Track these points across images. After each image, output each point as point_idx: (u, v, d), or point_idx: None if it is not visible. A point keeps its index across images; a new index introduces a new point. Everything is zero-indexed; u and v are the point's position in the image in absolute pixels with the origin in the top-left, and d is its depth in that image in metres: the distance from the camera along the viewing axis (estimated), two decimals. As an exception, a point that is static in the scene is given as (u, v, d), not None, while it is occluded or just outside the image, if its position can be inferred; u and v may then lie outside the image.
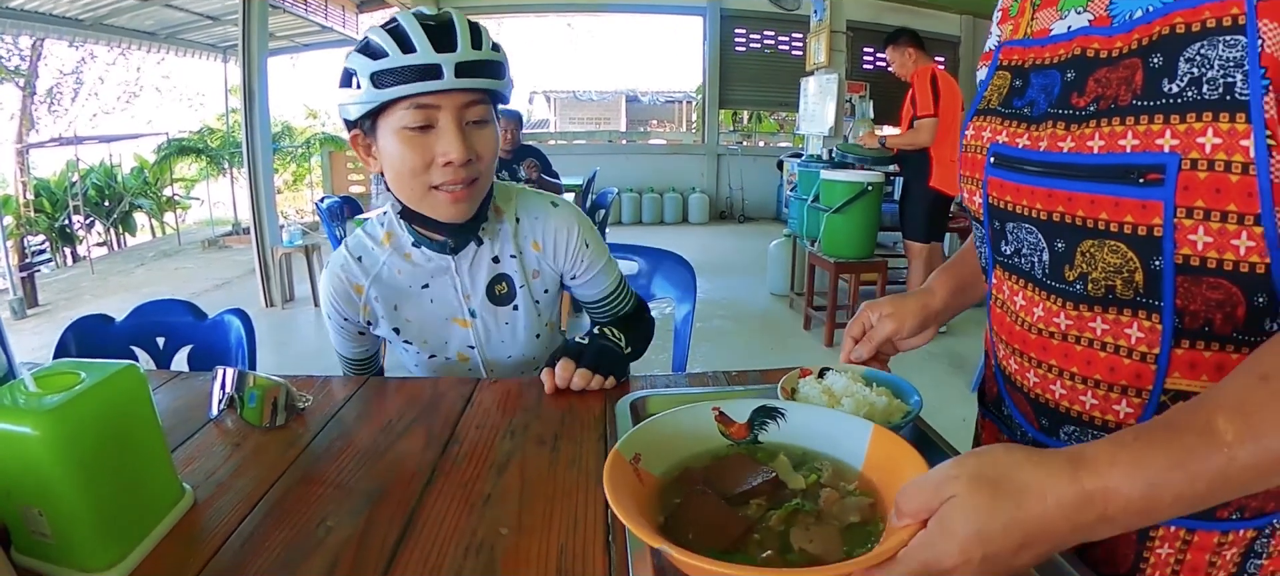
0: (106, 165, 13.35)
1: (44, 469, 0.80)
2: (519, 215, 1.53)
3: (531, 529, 0.92)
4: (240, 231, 11.39)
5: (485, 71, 1.26)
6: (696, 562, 0.63)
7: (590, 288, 1.62)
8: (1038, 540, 0.60)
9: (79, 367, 0.89)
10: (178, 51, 12.49)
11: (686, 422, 0.92)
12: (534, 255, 1.54)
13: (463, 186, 1.31)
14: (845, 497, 0.81)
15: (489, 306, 1.53)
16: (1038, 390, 0.90)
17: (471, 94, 1.26)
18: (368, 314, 1.51)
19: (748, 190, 11.67)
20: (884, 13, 10.13)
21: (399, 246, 1.48)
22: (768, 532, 0.77)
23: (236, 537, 0.91)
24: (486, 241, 1.49)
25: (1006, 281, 0.93)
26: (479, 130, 1.31)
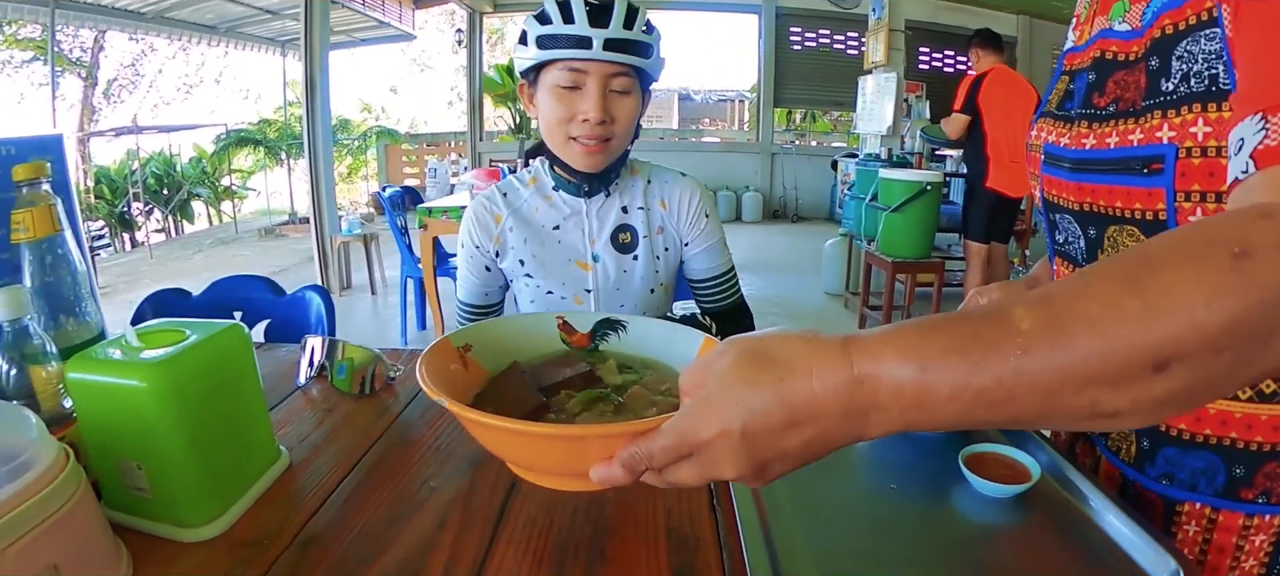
0: (166, 154, 13.62)
1: (149, 422, 0.81)
2: (651, 177, 1.67)
3: (637, 493, 0.92)
4: (296, 221, 11.56)
5: (631, 49, 1.41)
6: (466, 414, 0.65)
7: (701, 261, 1.67)
8: (804, 421, 0.54)
9: (183, 326, 0.90)
10: (237, 45, 12.71)
11: (528, 327, 0.97)
12: (660, 212, 1.65)
13: (597, 142, 1.47)
14: (654, 396, 0.83)
15: (611, 252, 1.62)
16: None
17: (617, 66, 1.42)
18: (499, 243, 1.63)
19: (801, 190, 11.57)
20: (941, 12, 9.97)
21: (541, 188, 1.64)
22: (564, 415, 0.80)
23: (337, 496, 0.93)
24: (617, 193, 1.62)
25: (1062, 267, 0.99)
26: (620, 98, 1.46)
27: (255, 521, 0.88)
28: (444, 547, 0.81)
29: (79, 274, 0.99)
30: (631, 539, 0.84)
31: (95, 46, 15.83)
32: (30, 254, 0.95)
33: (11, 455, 0.67)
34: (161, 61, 17.79)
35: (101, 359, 0.83)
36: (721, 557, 0.81)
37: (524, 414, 0.78)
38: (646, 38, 1.43)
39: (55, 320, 0.97)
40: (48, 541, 0.67)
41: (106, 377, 0.81)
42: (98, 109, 16.36)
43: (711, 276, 1.68)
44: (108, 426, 0.83)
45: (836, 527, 0.87)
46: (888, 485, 0.97)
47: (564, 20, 1.39)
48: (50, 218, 0.96)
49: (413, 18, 12.28)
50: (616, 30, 1.39)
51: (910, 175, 4.86)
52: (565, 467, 0.71)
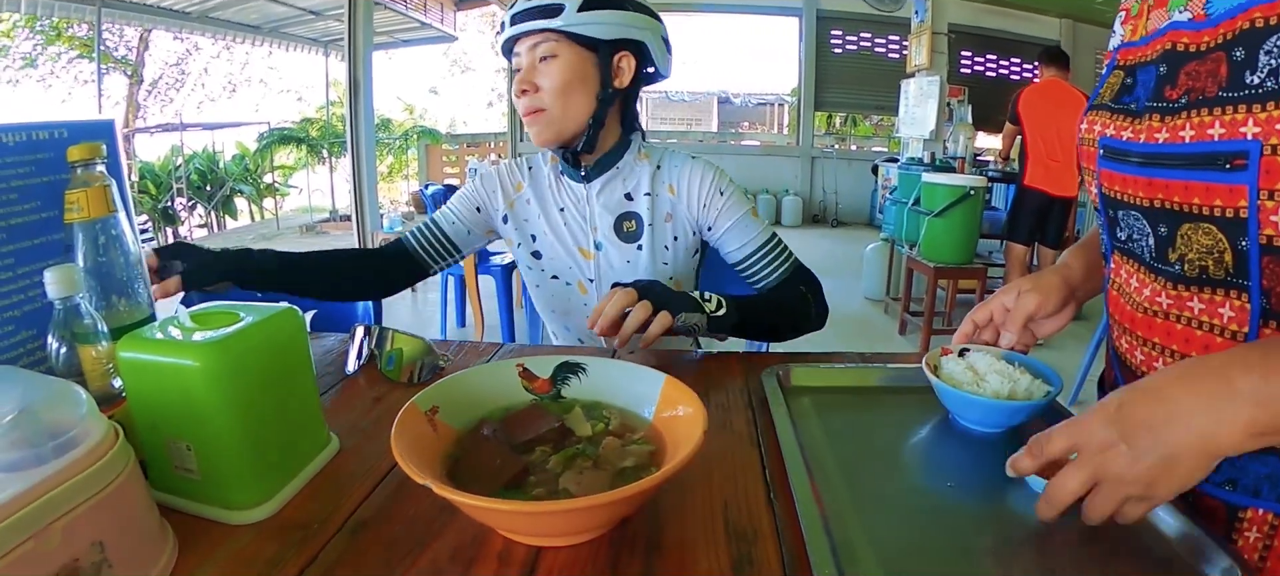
0: (209, 151, 13.82)
1: (201, 402, 0.80)
2: (661, 162, 1.61)
3: (693, 485, 0.90)
4: (337, 218, 11.68)
5: (534, 15, 1.41)
6: (457, 497, 0.68)
7: (732, 239, 1.56)
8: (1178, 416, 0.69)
9: (237, 308, 0.89)
10: (280, 45, 12.88)
11: (490, 379, 0.99)
12: (668, 198, 1.59)
13: (530, 113, 1.46)
14: (627, 445, 0.87)
15: (615, 241, 1.59)
16: (1144, 368, 0.93)
17: (534, 34, 1.43)
18: (511, 208, 1.64)
19: (842, 194, 11.50)
20: (983, 16, 9.86)
21: (556, 169, 1.63)
22: (544, 476, 0.83)
23: (388, 482, 0.91)
24: (620, 178, 1.58)
25: (1123, 265, 0.96)
26: (546, 64, 1.44)
27: (304, 505, 0.87)
28: (498, 538, 0.79)
29: (132, 256, 0.99)
30: (689, 530, 0.82)
31: (141, 45, 16.13)
32: (83, 234, 0.95)
33: (61, 430, 0.67)
34: (206, 60, 18.10)
35: (154, 339, 0.82)
36: (780, 549, 0.78)
37: (507, 480, 0.81)
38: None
39: (106, 300, 0.96)
40: (94, 518, 0.66)
41: (159, 357, 0.80)
42: (143, 106, 16.66)
43: (750, 253, 1.56)
44: (158, 406, 0.82)
45: (894, 523, 0.84)
46: (945, 482, 0.94)
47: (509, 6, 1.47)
48: (105, 199, 0.95)
49: (454, 19, 12.39)
50: (522, 2, 1.43)
51: (953, 179, 4.80)
52: (567, 529, 0.77)
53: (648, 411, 0.94)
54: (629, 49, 1.48)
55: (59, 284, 0.84)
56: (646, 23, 1.49)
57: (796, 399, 1.15)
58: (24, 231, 1.02)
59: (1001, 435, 1.05)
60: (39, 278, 1.02)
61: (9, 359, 1.01)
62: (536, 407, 0.96)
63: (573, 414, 0.94)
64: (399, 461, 0.73)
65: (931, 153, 6.70)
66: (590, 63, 1.45)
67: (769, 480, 0.93)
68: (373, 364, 1.31)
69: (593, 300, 1.63)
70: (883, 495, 0.90)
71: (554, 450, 0.88)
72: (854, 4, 10.61)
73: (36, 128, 1.04)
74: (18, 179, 1.01)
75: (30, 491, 0.61)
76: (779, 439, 0.98)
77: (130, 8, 9.79)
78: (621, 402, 0.97)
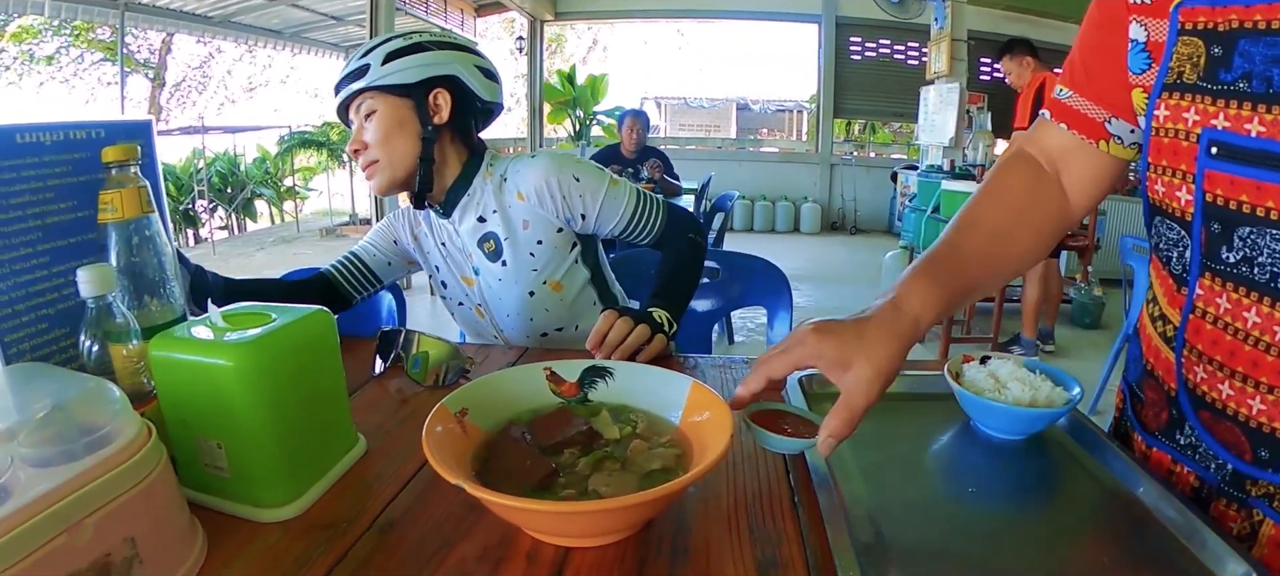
0: (230, 154, 13.91)
1: (234, 401, 0.81)
2: (505, 174, 1.61)
3: (717, 489, 0.91)
4: (357, 222, 11.72)
5: (344, 82, 1.50)
6: (489, 496, 0.70)
7: (607, 218, 1.61)
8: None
9: (269, 309, 0.91)
10: (302, 49, 12.95)
11: (517, 382, 1.00)
12: (520, 206, 1.59)
13: (366, 167, 1.53)
14: (653, 448, 0.89)
15: (486, 263, 1.63)
16: (1264, 418, 0.77)
17: (352, 99, 1.51)
18: (417, 243, 1.72)
19: (860, 201, 11.45)
20: (1002, 22, 9.80)
21: (432, 213, 1.68)
22: (574, 477, 0.84)
23: (417, 482, 0.92)
24: (475, 203, 1.61)
25: (1227, 293, 0.77)
26: (368, 121, 1.51)
27: (333, 505, 0.88)
28: (526, 538, 0.80)
29: (165, 257, 1.00)
30: (715, 532, 0.82)
31: (163, 49, 16.26)
32: (117, 234, 0.96)
33: (94, 427, 0.68)
34: (228, 63, 18.23)
35: (187, 338, 0.84)
36: (805, 552, 0.78)
37: (536, 481, 0.82)
38: (358, 62, 1.49)
39: (139, 300, 0.97)
40: (126, 514, 0.67)
41: (193, 356, 0.82)
42: (164, 108, 16.79)
43: (627, 223, 1.61)
44: (190, 404, 0.83)
45: (918, 527, 0.84)
46: (967, 488, 0.94)
47: None
48: (139, 199, 0.96)
49: (474, 25, 12.41)
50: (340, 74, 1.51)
51: (974, 187, 4.77)
52: (596, 530, 0.78)
53: (674, 416, 0.95)
54: (443, 85, 1.52)
55: (92, 283, 0.86)
56: (454, 56, 1.53)
57: (819, 404, 1.15)
58: (59, 230, 1.04)
59: (1021, 442, 1.05)
60: (73, 276, 1.04)
61: (42, 356, 1.03)
62: (564, 410, 0.96)
63: (600, 417, 0.95)
64: (430, 460, 0.74)
65: (951, 160, 6.67)
66: (407, 108, 1.51)
67: (793, 484, 0.93)
68: (398, 366, 1.32)
69: (489, 322, 1.70)
70: (906, 500, 0.90)
71: (582, 452, 0.89)
72: (873, 11, 10.57)
73: (73, 127, 1.06)
74: (55, 178, 1.03)
75: (64, 486, 0.62)
76: None
77: (153, 11, 9.87)
78: (648, 406, 0.98)
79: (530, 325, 1.65)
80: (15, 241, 1.00)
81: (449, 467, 0.73)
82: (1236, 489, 0.83)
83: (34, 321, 1.03)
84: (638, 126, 5.60)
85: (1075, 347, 5.10)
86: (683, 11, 12.22)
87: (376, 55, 1.48)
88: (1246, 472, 0.81)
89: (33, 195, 1.02)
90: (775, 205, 11.42)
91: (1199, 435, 0.86)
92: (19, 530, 0.57)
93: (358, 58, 1.49)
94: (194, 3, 10.00)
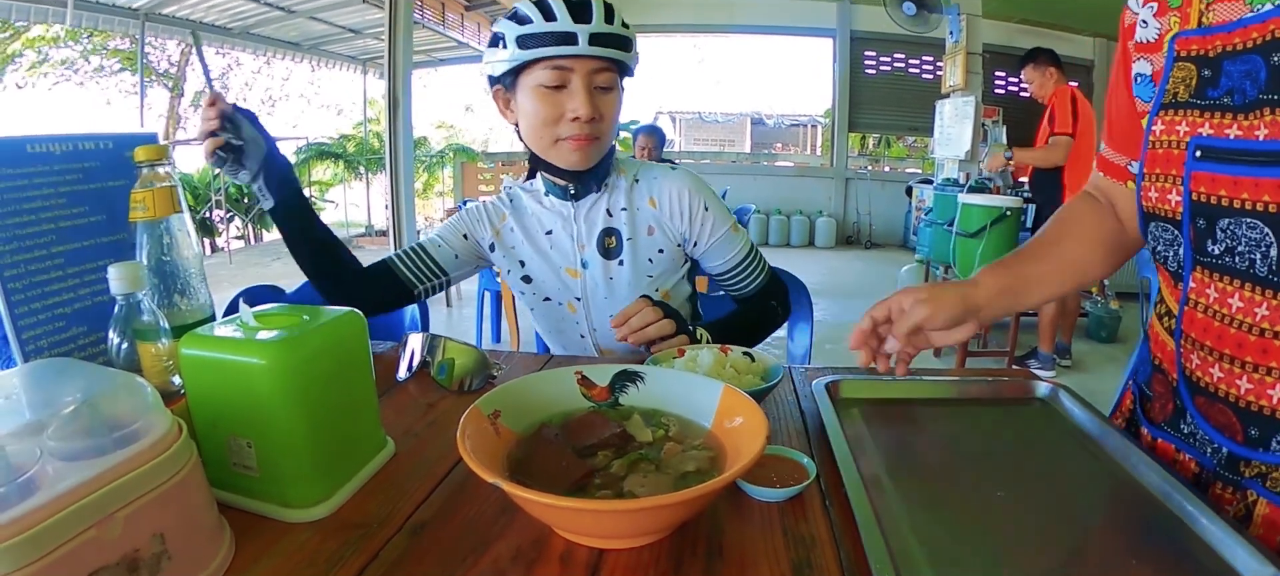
0: (248, 165, 13.97)
1: (265, 400, 0.81)
2: (638, 176, 1.62)
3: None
4: (373, 233, 11.78)
5: (614, 43, 1.39)
6: (527, 495, 0.69)
7: (716, 255, 1.61)
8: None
9: (300, 309, 0.90)
10: (320, 62, 13.04)
11: (549, 386, 1.00)
12: (649, 211, 1.60)
13: (586, 139, 1.45)
14: (686, 451, 0.89)
15: (599, 259, 1.60)
16: (1251, 397, 0.85)
17: (601, 61, 1.40)
18: (497, 237, 1.65)
19: (876, 216, 11.43)
20: (1016, 36, 9.78)
21: (536, 194, 1.64)
22: (609, 478, 0.84)
23: (446, 485, 0.92)
24: (605, 194, 1.60)
25: (1214, 282, 0.87)
26: (605, 94, 1.45)
27: (363, 505, 0.87)
28: (559, 539, 0.79)
29: (193, 256, 1.01)
30: (748, 534, 0.81)
31: (182, 59, 16.41)
32: (147, 233, 0.96)
33: (125, 422, 0.68)
34: (247, 75, 18.39)
35: (219, 336, 0.84)
36: (839, 554, 0.78)
37: (572, 482, 0.82)
38: (626, 32, 1.42)
39: (168, 299, 0.98)
40: (156, 510, 0.67)
41: (225, 355, 0.82)
42: (184, 118, 16.94)
43: (731, 268, 1.62)
44: (220, 403, 0.83)
45: (947, 531, 0.84)
46: (995, 492, 0.94)
47: (545, 17, 1.37)
48: (170, 199, 0.97)
49: (490, 38, 12.42)
50: (599, 25, 1.37)
51: (991, 200, 4.73)
52: (632, 530, 0.78)
53: (706, 420, 0.95)
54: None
55: (123, 280, 0.86)
56: None
57: (847, 409, 1.16)
58: (73, 233, 1.08)
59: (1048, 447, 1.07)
60: (88, 277, 1.08)
61: (62, 353, 1.06)
62: (597, 414, 0.97)
63: (632, 420, 0.96)
64: (466, 460, 0.73)
65: (966, 173, 6.64)
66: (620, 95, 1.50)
67: (824, 487, 0.92)
68: (423, 372, 1.32)
69: (582, 318, 1.65)
70: (937, 506, 0.90)
71: (616, 454, 0.89)
72: (887, 25, 10.52)
73: (82, 139, 1.11)
74: (66, 185, 1.07)
75: (94, 480, 0.61)
76: (832, 447, 0.98)
77: (173, 22, 9.96)
78: (680, 411, 0.98)
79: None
80: (29, 243, 1.04)
81: (485, 467, 0.72)
82: (1231, 472, 0.91)
83: (50, 320, 1.05)
84: (651, 142, 5.60)
85: (1093, 362, 5.06)
86: (699, 26, 12.23)
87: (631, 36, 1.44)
88: (1240, 454, 0.89)
89: (45, 201, 1.05)
90: (790, 219, 11.40)
91: (1196, 422, 0.95)
92: (48, 522, 0.57)
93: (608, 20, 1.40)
94: (214, 14, 10.08)
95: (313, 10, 10.42)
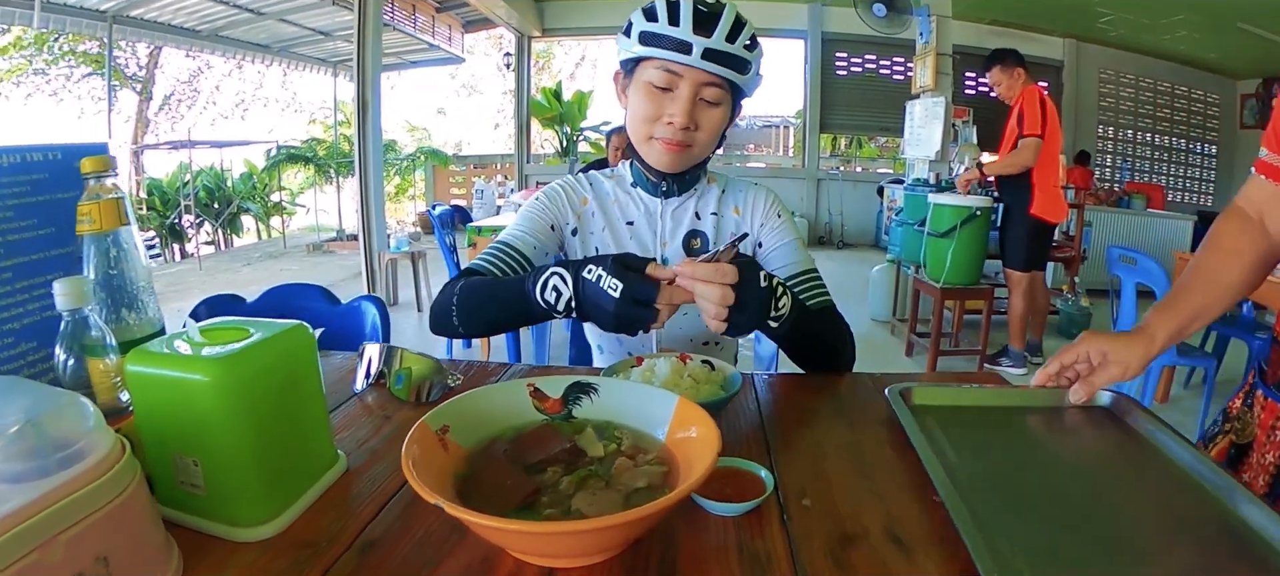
0: (217, 169, 13.88)
1: (210, 417, 0.79)
2: (726, 187, 1.66)
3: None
4: (344, 237, 11.72)
5: (729, 62, 1.38)
6: (469, 517, 0.68)
7: (779, 258, 1.60)
8: None
9: (247, 324, 0.89)
10: (290, 65, 12.96)
11: (500, 399, 0.98)
12: (733, 218, 1.64)
13: (678, 145, 1.45)
14: (638, 466, 0.87)
15: (681, 256, 1.60)
16: None
17: (711, 76, 1.39)
18: (579, 220, 1.63)
19: (847, 215, 11.50)
20: (986, 37, 9.87)
21: (622, 182, 1.64)
22: (557, 497, 0.82)
23: (396, 502, 0.90)
24: (695, 197, 1.62)
25: None
26: (708, 108, 1.44)
27: (312, 523, 0.86)
28: (509, 558, 0.78)
29: (141, 270, 0.99)
30: (703, 549, 0.81)
31: (151, 62, 16.24)
32: (94, 246, 0.95)
33: (68, 442, 0.66)
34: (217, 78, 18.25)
35: (163, 353, 0.82)
36: (794, 569, 0.78)
37: (519, 501, 0.81)
38: (747, 54, 1.40)
39: (116, 314, 0.96)
40: (99, 532, 0.65)
41: (169, 371, 0.80)
42: (153, 122, 16.78)
43: (790, 276, 1.57)
44: (166, 420, 0.81)
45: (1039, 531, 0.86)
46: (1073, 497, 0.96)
47: (670, 21, 1.36)
48: (116, 211, 0.95)
49: (462, 41, 12.44)
50: (718, 41, 1.36)
51: (961, 200, 4.77)
52: (580, 550, 0.77)
53: (660, 432, 0.94)
54: (741, 100, 1.52)
55: (68, 295, 0.84)
56: None
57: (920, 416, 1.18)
58: (21, 248, 1.04)
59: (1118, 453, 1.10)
60: (37, 292, 1.04)
61: (10, 370, 1.02)
62: (548, 427, 0.95)
63: (584, 434, 0.94)
64: (409, 480, 0.72)
65: (937, 173, 6.69)
66: (731, 113, 1.50)
67: (782, 500, 0.92)
68: (381, 383, 1.30)
69: None
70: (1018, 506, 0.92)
71: (566, 471, 0.87)
72: (859, 26, 10.56)
73: (31, 150, 1.07)
74: (13, 198, 1.03)
75: (35, 503, 0.60)
76: (917, 451, 1.00)
77: (141, 25, 9.86)
78: (633, 423, 0.97)
79: (691, 327, 1.64)
80: (-25, 258, 1.01)
81: (429, 487, 0.71)
82: None
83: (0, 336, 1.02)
84: (624, 142, 5.61)
85: (1181, 393, 5.01)
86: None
87: (757, 59, 1.43)
88: None
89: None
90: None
91: None
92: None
93: (742, 44, 1.38)
94: (182, 16, 10.00)
95: (282, 12, 10.36)
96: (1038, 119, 4.69)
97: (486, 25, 12.34)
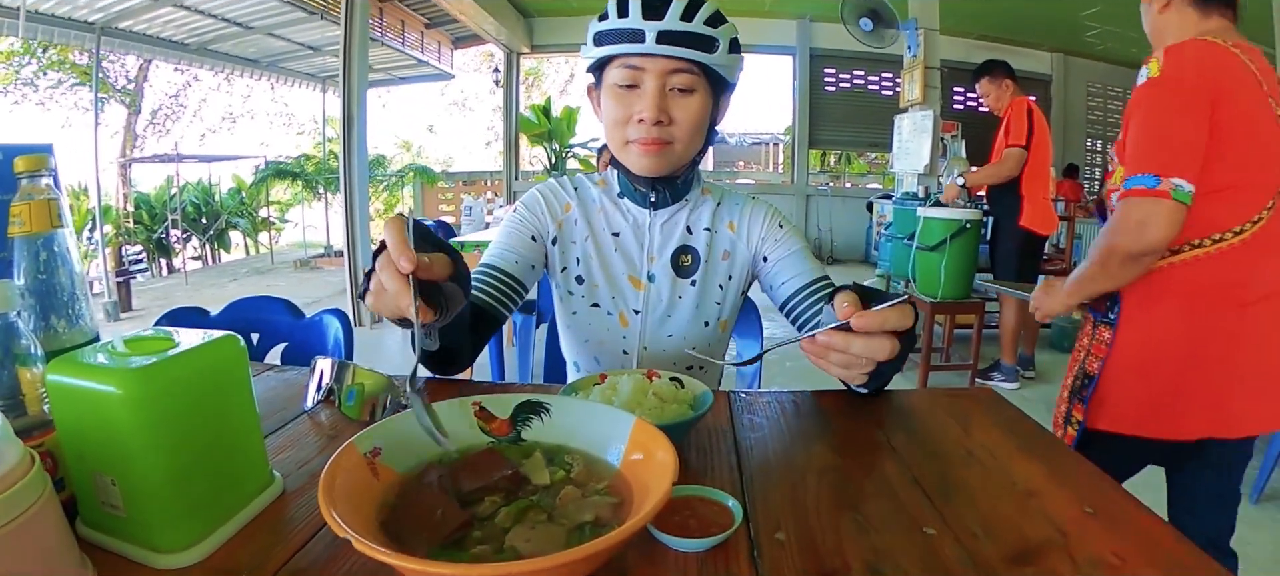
0: (204, 184, 13.84)
1: (124, 433, 0.73)
2: (721, 200, 1.57)
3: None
4: (331, 254, 11.69)
5: (690, 42, 1.30)
6: (379, 554, 0.58)
7: (787, 268, 1.49)
8: None
9: (176, 334, 0.83)
10: (279, 79, 12.95)
11: (444, 418, 0.85)
12: (728, 235, 1.54)
13: (655, 144, 1.36)
14: (587, 496, 0.78)
15: (669, 273, 1.51)
16: None
17: (675, 62, 1.31)
18: (561, 228, 1.55)
19: (837, 231, 11.52)
20: (975, 51, 9.92)
21: (609, 190, 1.56)
22: (491, 529, 0.73)
23: (329, 531, 0.82)
24: (687, 210, 1.53)
25: None
26: (681, 97, 1.35)
27: (238, 550, 0.79)
28: (446, 587, 0.72)
29: (75, 275, 0.94)
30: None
31: (140, 75, 16.21)
32: (25, 249, 0.90)
33: (-30, 455, 0.61)
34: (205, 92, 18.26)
35: (83, 363, 0.76)
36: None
37: (446, 534, 0.72)
38: (710, 30, 1.31)
39: (46, 321, 0.91)
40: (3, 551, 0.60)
41: (84, 382, 0.74)
42: (141, 136, 16.74)
43: (801, 286, 1.46)
44: (83, 435, 0.76)
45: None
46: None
47: (619, 13, 1.31)
48: (48, 213, 0.90)
49: (451, 58, 12.45)
50: (672, 22, 1.28)
51: (951, 213, 4.73)
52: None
53: (614, 456, 0.85)
54: (732, 90, 1.45)
55: (-7, 300, 0.79)
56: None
57: None
58: None
59: None
60: None
61: None
62: (492, 452, 0.87)
63: (532, 459, 0.86)
64: (322, 509, 0.64)
65: (926, 187, 6.67)
66: (711, 102, 1.40)
67: (753, 534, 0.83)
68: (332, 400, 1.23)
69: (632, 333, 1.52)
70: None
71: (505, 501, 0.78)
72: (847, 42, 10.60)
73: None
74: None
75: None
76: None
77: (130, 37, 9.83)
78: (586, 447, 0.88)
79: (683, 350, 1.53)
80: (-92, 259, 0.95)
81: (345, 517, 0.63)
82: None
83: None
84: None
85: (1056, 372, 5.07)
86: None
87: (725, 35, 1.33)
88: None
89: (-74, 214, 0.97)
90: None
91: None
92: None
93: (701, 21, 1.30)
94: (170, 29, 9.98)
95: (271, 26, 10.34)
96: (1023, 130, 4.68)
97: (476, 41, 12.34)
